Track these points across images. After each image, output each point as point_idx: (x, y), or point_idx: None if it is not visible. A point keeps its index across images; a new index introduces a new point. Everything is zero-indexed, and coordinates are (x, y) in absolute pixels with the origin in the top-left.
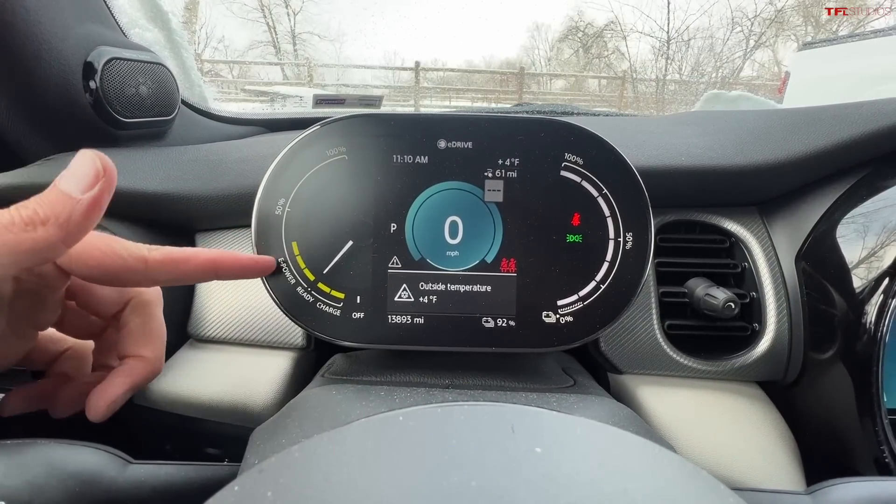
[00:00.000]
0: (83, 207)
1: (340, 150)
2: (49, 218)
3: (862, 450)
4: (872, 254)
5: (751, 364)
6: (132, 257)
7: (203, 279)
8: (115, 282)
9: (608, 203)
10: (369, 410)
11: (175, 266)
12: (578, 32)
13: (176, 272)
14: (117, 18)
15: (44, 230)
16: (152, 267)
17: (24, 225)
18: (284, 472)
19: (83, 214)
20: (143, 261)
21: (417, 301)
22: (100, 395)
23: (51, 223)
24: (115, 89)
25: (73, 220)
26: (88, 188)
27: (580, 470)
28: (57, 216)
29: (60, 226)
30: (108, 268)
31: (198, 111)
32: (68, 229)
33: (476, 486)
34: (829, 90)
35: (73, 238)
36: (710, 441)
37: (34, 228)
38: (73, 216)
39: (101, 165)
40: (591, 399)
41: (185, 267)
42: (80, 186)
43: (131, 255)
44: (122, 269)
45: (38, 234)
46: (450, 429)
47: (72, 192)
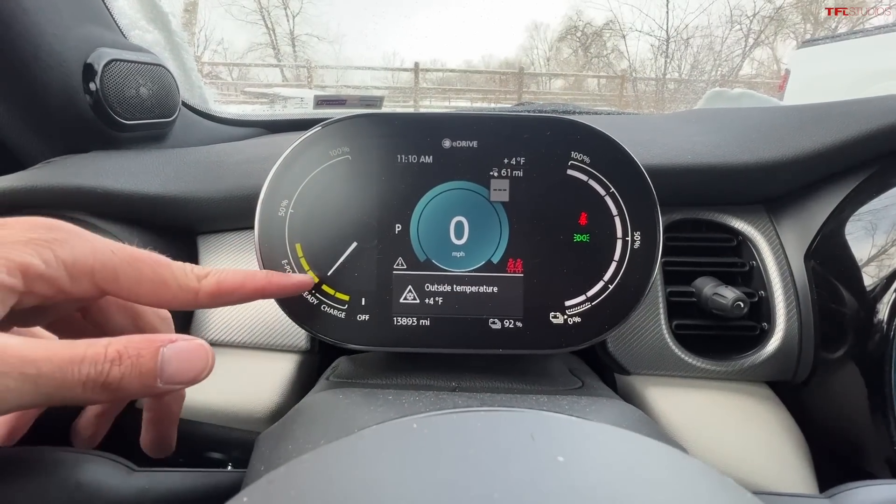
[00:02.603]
0: (156, 390)
1: (344, 150)
2: (124, 375)
3: (874, 450)
4: (883, 251)
5: (760, 364)
6: (182, 289)
7: (249, 300)
8: (162, 307)
9: (616, 202)
10: (378, 416)
11: (224, 298)
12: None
13: (223, 302)
14: (117, 20)
15: (115, 375)
16: (202, 300)
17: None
18: (296, 482)
19: (145, 391)
20: (194, 293)
21: (423, 302)
22: (153, 441)
23: (125, 378)
24: (116, 91)
25: (132, 391)
26: (176, 383)
27: (606, 481)
28: (134, 378)
29: (118, 387)
30: (157, 298)
31: (198, 113)
32: (121, 393)
33: (499, 498)
34: (829, 88)
35: (114, 398)
36: (720, 442)
37: (108, 367)
38: (141, 388)
39: (205, 373)
40: (603, 402)
41: (233, 298)
42: (175, 376)
43: (181, 287)
44: (170, 300)
45: (110, 373)
46: (468, 437)
47: (163, 378)
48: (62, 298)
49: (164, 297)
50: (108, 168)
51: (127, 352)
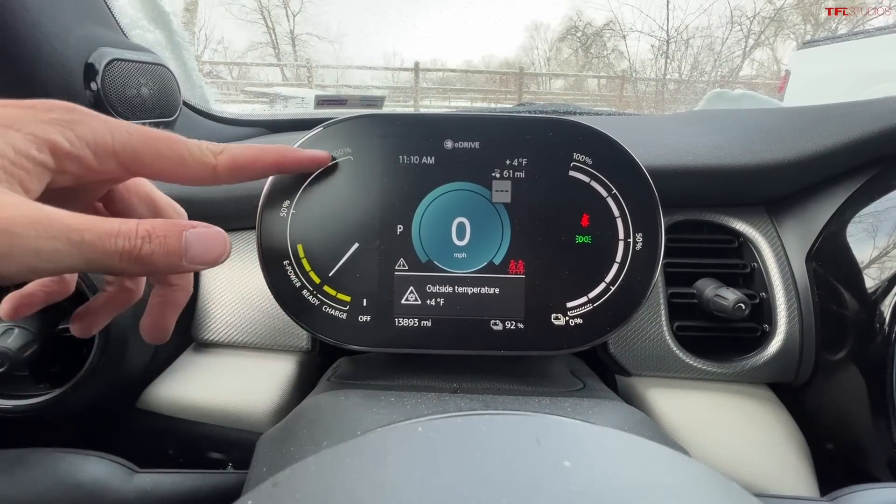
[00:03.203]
0: (181, 268)
1: (346, 150)
2: (154, 251)
3: (875, 452)
4: (884, 253)
5: (761, 365)
6: (199, 164)
7: (268, 175)
8: (183, 183)
9: (618, 203)
10: (380, 418)
11: (241, 172)
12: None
13: (241, 177)
14: (118, 19)
15: (147, 250)
16: (220, 175)
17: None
18: (301, 486)
19: (171, 268)
20: (212, 168)
21: (424, 304)
22: (152, 324)
23: (154, 254)
24: (117, 91)
25: (160, 267)
26: (199, 263)
27: (612, 486)
28: (162, 254)
29: (149, 261)
30: (176, 174)
31: (199, 112)
32: (151, 267)
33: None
34: (830, 89)
35: (144, 271)
36: (721, 444)
37: (140, 244)
38: (168, 265)
39: (224, 256)
40: (605, 404)
41: (250, 172)
42: (198, 256)
43: (198, 163)
44: (188, 177)
45: (142, 249)
46: (473, 441)
47: (187, 257)
48: (91, 179)
49: (184, 174)
50: None
51: (156, 231)
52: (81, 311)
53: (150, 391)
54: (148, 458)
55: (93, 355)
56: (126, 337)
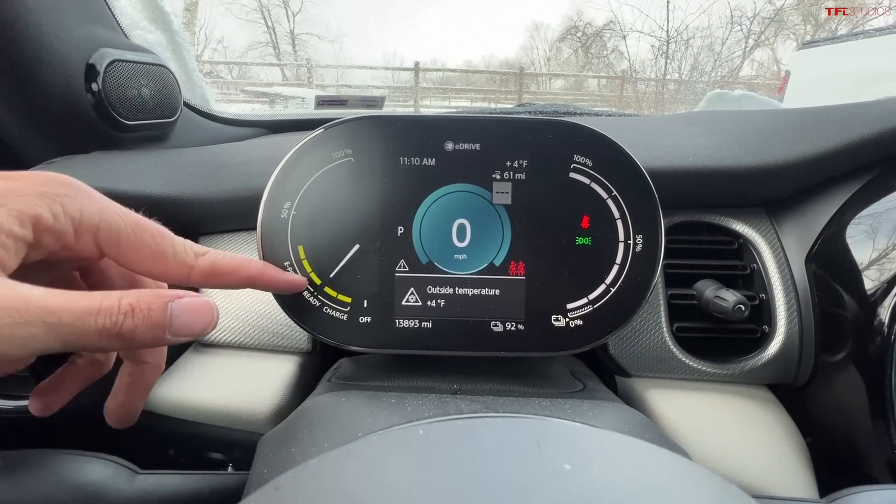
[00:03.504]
0: (164, 341)
1: (346, 152)
2: (136, 326)
3: (875, 453)
4: (884, 255)
5: (761, 367)
6: (178, 264)
7: (239, 288)
8: (155, 278)
9: (618, 205)
10: (381, 420)
11: (217, 279)
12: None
13: (216, 284)
14: (119, 20)
15: (129, 325)
16: (195, 278)
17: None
18: (303, 489)
19: (155, 342)
20: (189, 269)
21: (425, 305)
22: (120, 405)
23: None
24: (118, 91)
25: (143, 341)
26: (184, 335)
27: (612, 489)
28: (145, 329)
29: (131, 337)
30: (152, 267)
31: (200, 113)
32: (133, 343)
33: None
34: (830, 89)
35: (126, 347)
36: (720, 445)
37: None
38: (152, 339)
39: (210, 327)
40: (605, 405)
41: (226, 281)
42: (183, 328)
43: (177, 262)
44: (164, 272)
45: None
46: (474, 444)
47: (171, 330)
48: (65, 255)
49: (160, 268)
50: (110, 168)
51: (139, 305)
52: (43, 387)
53: (151, 392)
54: (148, 458)
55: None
56: None
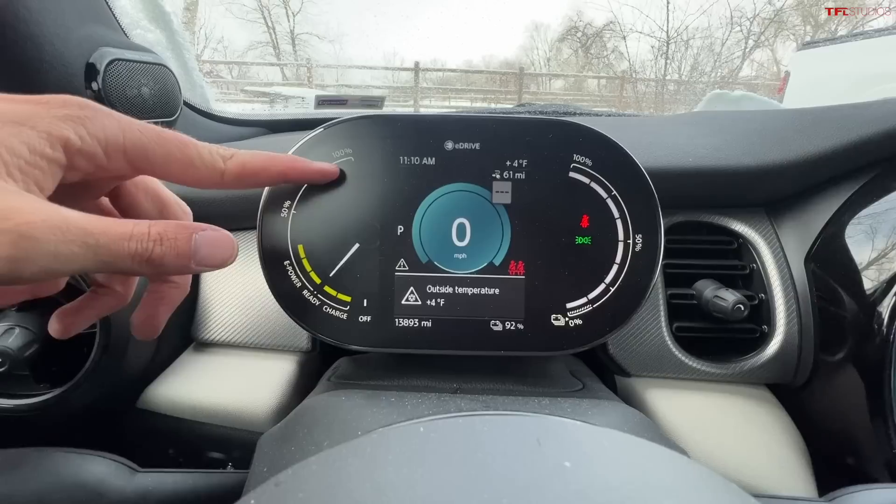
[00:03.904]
0: (190, 270)
1: (347, 151)
2: (165, 254)
3: (874, 453)
4: (883, 255)
5: (760, 366)
6: (208, 169)
7: (274, 184)
8: (191, 185)
9: (617, 205)
10: (381, 418)
11: (249, 179)
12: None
13: (248, 184)
14: (119, 19)
15: (158, 253)
16: (227, 180)
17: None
18: (303, 485)
19: (181, 270)
20: (220, 173)
21: (425, 304)
22: (146, 319)
23: (165, 256)
24: (118, 91)
25: (170, 268)
26: (207, 265)
27: (612, 486)
28: (172, 257)
29: (159, 263)
30: (185, 176)
31: (200, 112)
32: (161, 269)
33: None
34: (829, 90)
35: (154, 272)
36: (719, 445)
37: (151, 246)
38: (178, 266)
39: (231, 259)
40: (605, 404)
41: (258, 180)
42: (206, 258)
43: (207, 167)
44: (197, 179)
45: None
46: (474, 442)
47: (196, 259)
48: (99, 175)
49: (192, 176)
50: None
51: (167, 234)
52: (64, 311)
53: (150, 391)
54: (147, 457)
55: (93, 355)
56: (127, 336)
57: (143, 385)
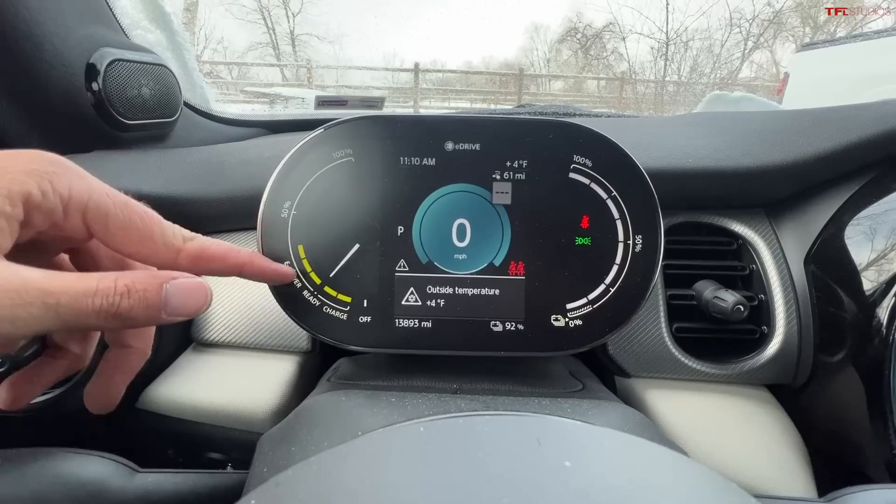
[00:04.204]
0: (160, 320)
1: (347, 152)
2: (133, 307)
3: (873, 454)
4: (882, 256)
5: (760, 367)
6: (166, 247)
7: (225, 275)
8: (142, 261)
9: (617, 205)
10: (381, 418)
11: (205, 265)
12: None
13: (204, 270)
14: (119, 20)
15: (125, 306)
16: (182, 262)
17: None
18: (304, 485)
19: (150, 321)
20: (176, 252)
21: (425, 305)
22: (101, 390)
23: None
24: (118, 91)
25: (139, 321)
26: (178, 315)
27: (612, 486)
28: (141, 309)
29: (128, 316)
30: (140, 249)
31: (200, 113)
32: (129, 323)
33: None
34: (828, 91)
35: (123, 327)
36: (719, 445)
37: (118, 300)
38: (147, 318)
39: (204, 307)
40: (605, 405)
41: (213, 267)
42: (178, 308)
43: (165, 245)
44: (152, 254)
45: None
46: (475, 442)
47: (167, 310)
48: (53, 234)
49: (147, 250)
50: (110, 168)
51: (135, 286)
52: (15, 379)
53: (149, 391)
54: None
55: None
56: None
57: (143, 385)
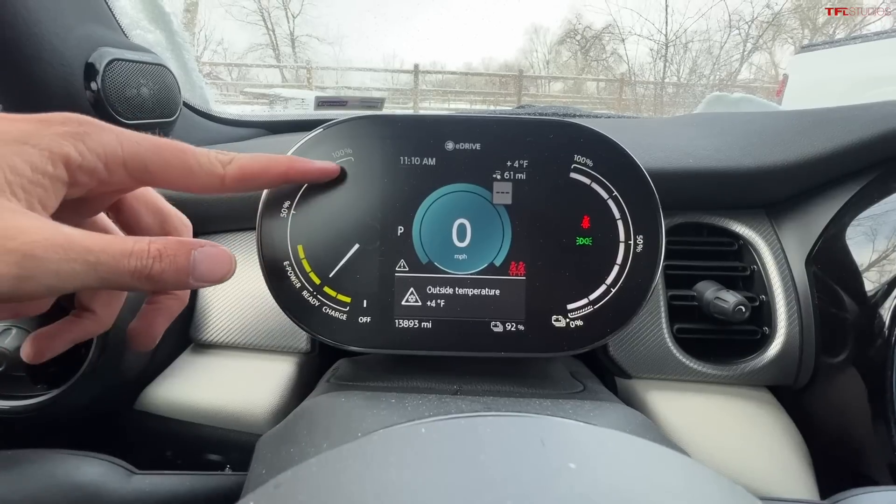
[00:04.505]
0: (188, 285)
1: (346, 151)
2: (164, 270)
3: (875, 456)
4: (884, 256)
5: (761, 368)
6: (207, 175)
7: (275, 186)
8: (190, 191)
9: (618, 205)
10: (381, 419)
11: (250, 182)
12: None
13: (249, 187)
14: (119, 19)
15: (157, 269)
16: (228, 185)
17: (148, 257)
18: (304, 487)
19: (179, 285)
20: (220, 179)
21: (425, 305)
22: (144, 328)
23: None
24: (117, 91)
25: (169, 284)
26: (205, 281)
27: (618, 487)
28: (171, 273)
29: (159, 279)
30: (185, 184)
31: (199, 113)
32: (160, 285)
33: None
34: (827, 93)
35: (153, 288)
36: (721, 447)
37: (151, 262)
38: (176, 282)
39: (229, 275)
40: (606, 406)
41: (258, 183)
42: (204, 275)
43: (206, 173)
44: (198, 185)
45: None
46: (477, 443)
47: (194, 275)
48: (102, 190)
49: (192, 183)
50: None
51: (166, 250)
52: (40, 334)
53: (148, 392)
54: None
55: (91, 356)
56: (124, 338)
57: (141, 386)
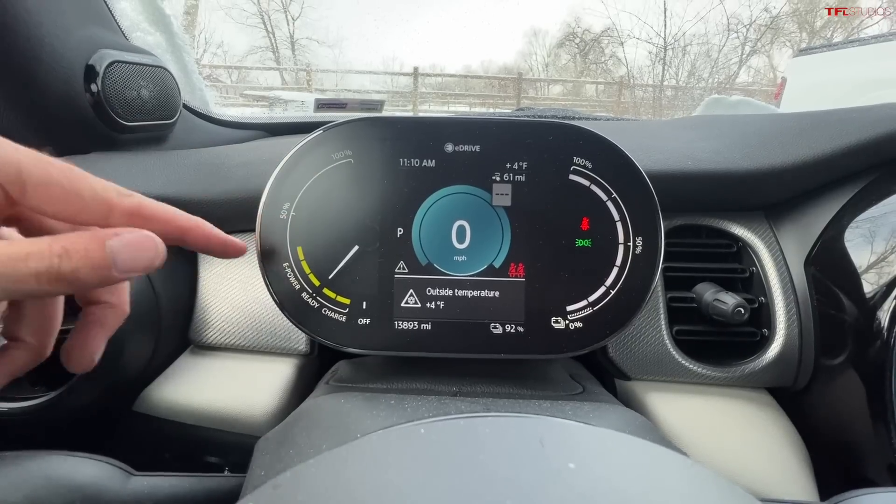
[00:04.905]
0: (113, 279)
1: (346, 153)
2: (78, 268)
3: (875, 457)
4: (882, 258)
5: (760, 370)
6: (96, 203)
7: (168, 242)
8: (73, 222)
9: (617, 207)
10: (380, 421)
11: (143, 224)
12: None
13: (140, 226)
14: (119, 22)
15: (68, 267)
16: (116, 218)
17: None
18: (302, 488)
19: (104, 281)
20: (108, 209)
21: (424, 307)
22: (80, 347)
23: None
24: (117, 92)
25: (91, 282)
26: (132, 271)
27: (617, 488)
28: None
29: (75, 279)
30: (65, 207)
31: (199, 115)
32: (80, 284)
33: None
34: (825, 96)
35: (74, 289)
36: (720, 448)
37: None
38: (98, 278)
39: (158, 261)
40: (606, 407)
41: (153, 227)
42: (128, 264)
43: (95, 200)
44: (79, 211)
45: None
46: (477, 443)
47: (117, 267)
48: None
49: (74, 208)
50: (108, 169)
51: (74, 246)
52: None
53: (147, 394)
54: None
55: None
56: (123, 339)
57: (140, 388)
